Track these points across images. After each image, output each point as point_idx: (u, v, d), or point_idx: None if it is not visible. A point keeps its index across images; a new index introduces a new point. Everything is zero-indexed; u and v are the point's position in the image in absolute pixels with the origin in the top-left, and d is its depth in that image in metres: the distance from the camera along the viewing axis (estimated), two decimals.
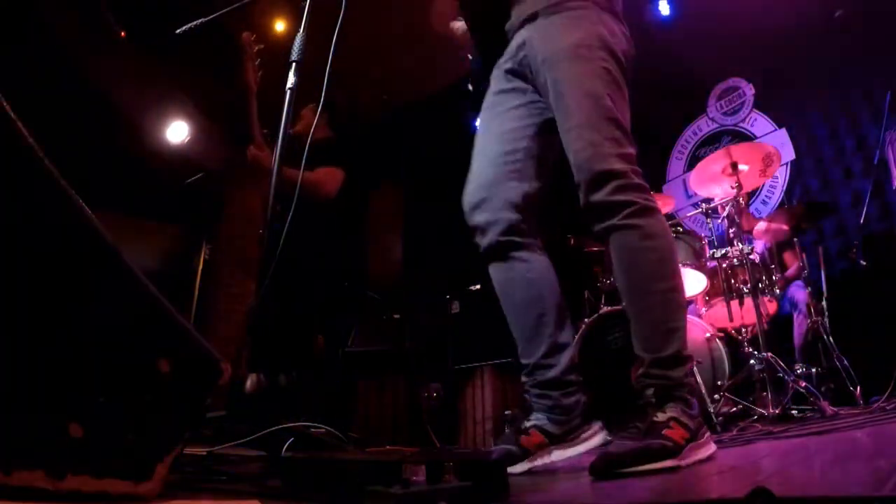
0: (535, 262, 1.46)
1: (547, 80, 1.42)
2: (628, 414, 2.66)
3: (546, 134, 1.48)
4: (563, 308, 1.45)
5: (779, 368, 2.64)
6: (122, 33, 4.26)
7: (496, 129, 1.53)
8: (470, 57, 1.80)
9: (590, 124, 1.33)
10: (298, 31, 1.76)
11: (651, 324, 1.29)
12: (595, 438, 1.39)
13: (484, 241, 1.48)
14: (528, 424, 1.34)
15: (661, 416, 1.19)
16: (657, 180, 5.38)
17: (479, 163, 1.53)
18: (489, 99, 1.60)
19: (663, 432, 1.14)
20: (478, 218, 1.48)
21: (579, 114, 1.35)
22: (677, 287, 1.33)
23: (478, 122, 1.64)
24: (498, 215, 1.45)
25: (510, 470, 1.21)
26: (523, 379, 1.43)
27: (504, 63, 1.57)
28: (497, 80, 1.60)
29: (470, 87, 1.84)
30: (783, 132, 4.76)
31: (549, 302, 1.43)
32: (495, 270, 1.49)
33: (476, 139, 1.59)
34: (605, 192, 1.29)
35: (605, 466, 1.08)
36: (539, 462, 1.30)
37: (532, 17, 1.49)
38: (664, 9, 4.79)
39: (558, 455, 1.33)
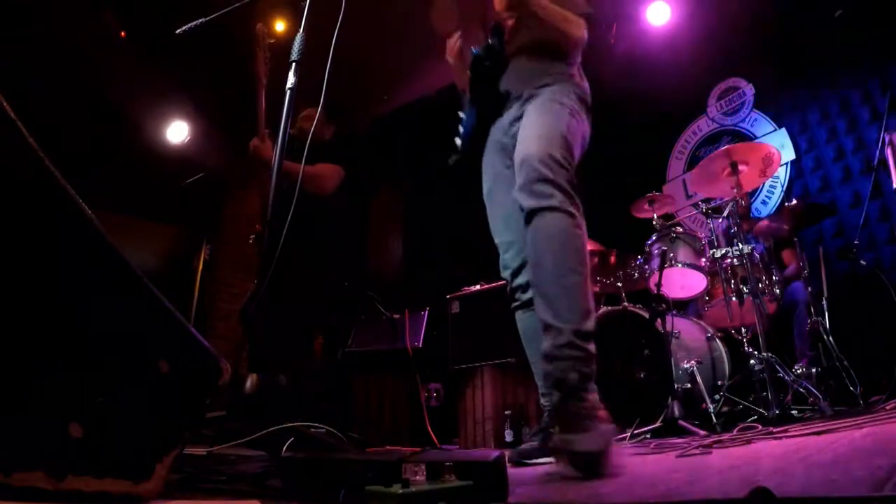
0: None
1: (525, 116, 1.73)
2: (627, 412, 2.66)
3: None
4: None
5: (779, 368, 2.64)
6: (122, 33, 4.26)
7: (511, 205, 1.71)
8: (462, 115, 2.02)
9: (547, 135, 1.62)
10: (298, 31, 1.76)
11: (576, 299, 1.44)
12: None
13: (524, 296, 1.80)
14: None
15: (591, 397, 1.33)
16: (657, 180, 5.38)
17: (508, 235, 1.84)
18: (493, 175, 1.89)
19: (598, 414, 1.29)
20: (518, 280, 1.81)
21: (538, 127, 1.65)
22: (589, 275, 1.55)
23: (486, 196, 1.92)
24: None
25: (541, 460, 1.51)
26: (544, 403, 1.74)
27: (500, 134, 1.87)
28: (496, 154, 1.89)
29: (457, 148, 2.05)
30: (783, 132, 4.76)
31: None
32: (528, 320, 1.78)
33: (490, 212, 1.90)
34: (552, 172, 1.53)
35: (585, 464, 1.15)
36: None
37: (528, 98, 1.78)
38: (660, 16, 4.79)
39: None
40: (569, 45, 1.86)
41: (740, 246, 2.94)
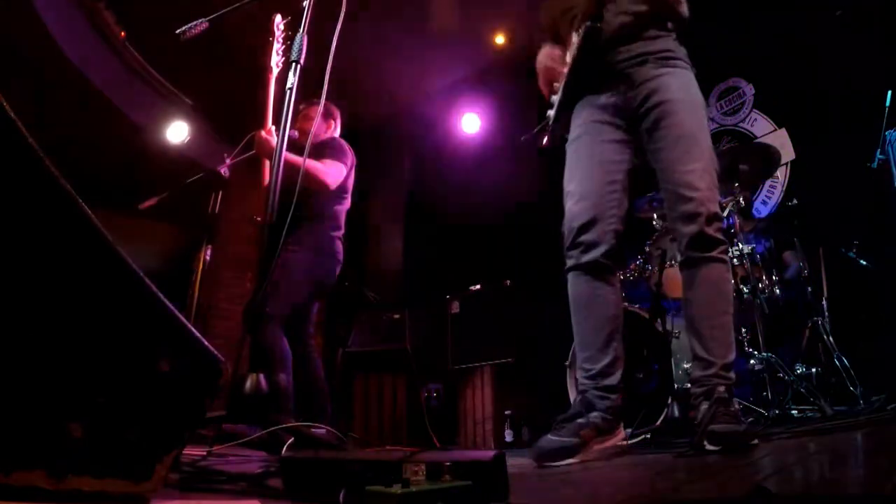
0: (617, 287, 1.75)
1: (661, 122, 1.71)
2: (627, 413, 2.67)
3: (631, 175, 1.78)
4: (622, 329, 1.75)
5: (779, 368, 2.63)
6: (122, 33, 4.26)
7: (598, 156, 1.77)
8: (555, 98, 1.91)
9: (709, 171, 1.67)
10: (298, 32, 1.76)
11: (725, 338, 1.61)
12: (621, 434, 1.69)
13: (585, 257, 1.71)
14: (591, 420, 1.59)
15: (736, 407, 1.54)
16: (657, 180, 5.38)
17: (586, 185, 1.74)
18: (585, 124, 1.82)
19: (741, 419, 1.53)
20: (585, 237, 1.71)
21: (702, 159, 1.67)
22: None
23: (571, 143, 1.83)
24: (603, 238, 1.71)
25: (564, 462, 1.47)
26: (583, 380, 1.68)
27: (602, 96, 1.80)
28: (591, 109, 1.82)
29: (547, 123, 1.95)
30: (783, 132, 4.75)
31: (619, 323, 1.72)
32: (585, 285, 1.72)
33: (572, 158, 1.81)
34: (713, 229, 1.64)
35: (734, 441, 1.38)
36: (589, 454, 1.54)
37: (642, 62, 1.76)
38: None
39: (600, 446, 1.59)
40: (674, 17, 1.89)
41: (740, 246, 2.94)
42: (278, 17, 2.42)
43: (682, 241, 1.66)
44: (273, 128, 2.55)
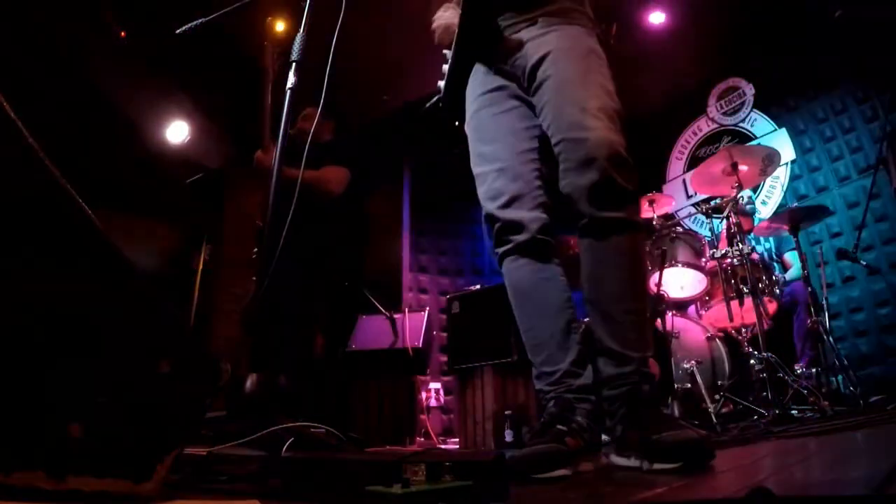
0: (561, 268, 1.46)
1: (543, 77, 1.43)
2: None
3: (545, 140, 1.46)
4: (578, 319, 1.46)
5: (779, 368, 2.64)
6: (122, 33, 4.26)
7: (506, 125, 1.51)
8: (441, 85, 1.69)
9: (605, 111, 1.35)
10: (298, 31, 1.76)
11: (643, 326, 1.32)
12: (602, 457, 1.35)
13: (519, 237, 1.43)
14: (570, 427, 1.27)
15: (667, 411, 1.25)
16: (657, 180, 5.38)
17: (501, 158, 1.48)
18: (480, 98, 1.57)
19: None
20: (512, 213, 1.43)
21: (594, 98, 1.36)
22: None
23: (470, 120, 1.59)
24: (534, 214, 1.43)
25: (554, 473, 1.13)
26: (546, 387, 1.37)
27: (493, 65, 1.55)
28: (483, 78, 1.58)
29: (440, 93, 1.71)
30: (783, 132, 4.76)
31: (574, 309, 1.43)
32: (525, 268, 1.44)
33: (474, 135, 1.56)
34: (622, 177, 1.29)
35: (691, 452, 1.07)
36: (582, 468, 1.23)
37: (532, 21, 1.50)
38: (658, 16, 4.79)
39: (588, 466, 1.26)
40: None
41: (740, 246, 2.94)
42: (269, 19, 2.42)
43: (581, 196, 1.31)
44: (272, 142, 2.56)
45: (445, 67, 1.66)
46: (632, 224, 1.32)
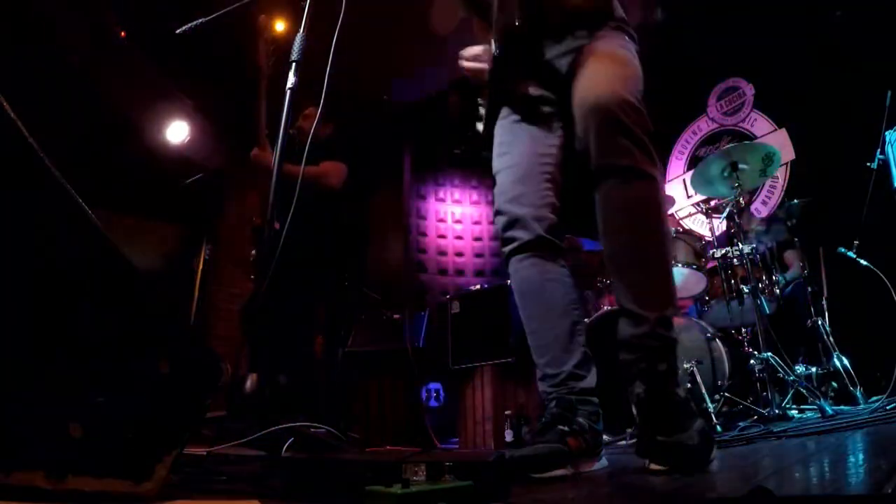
0: (568, 269, 1.45)
1: (576, 69, 1.41)
2: (626, 413, 2.66)
3: (566, 149, 1.48)
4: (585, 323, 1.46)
5: (779, 368, 2.64)
6: (123, 33, 4.26)
7: (526, 130, 1.51)
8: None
9: (629, 88, 1.34)
10: (298, 31, 1.76)
11: (659, 282, 1.27)
12: (603, 460, 1.37)
13: (525, 235, 1.41)
14: (572, 427, 1.27)
15: (681, 392, 1.20)
16: None
17: (513, 157, 1.49)
18: (511, 114, 1.57)
19: (693, 408, 1.18)
20: (518, 210, 1.42)
21: (619, 78, 1.35)
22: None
23: (499, 121, 1.60)
24: (541, 212, 1.41)
25: (554, 473, 1.16)
26: (549, 388, 1.37)
27: (528, 79, 1.55)
28: (515, 108, 1.58)
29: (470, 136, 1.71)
30: (783, 132, 4.76)
31: (580, 311, 1.42)
32: (532, 268, 1.42)
33: (498, 138, 1.57)
34: (630, 119, 1.27)
35: (684, 460, 1.08)
36: (582, 469, 1.25)
37: (567, 52, 1.48)
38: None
39: (588, 467, 1.28)
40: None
41: (740, 246, 2.94)
42: (262, 17, 2.42)
43: (589, 145, 1.29)
44: (268, 131, 2.56)
45: (479, 119, 1.66)
46: (640, 172, 1.26)
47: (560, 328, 1.38)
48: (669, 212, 3.99)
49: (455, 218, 6.17)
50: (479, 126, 1.67)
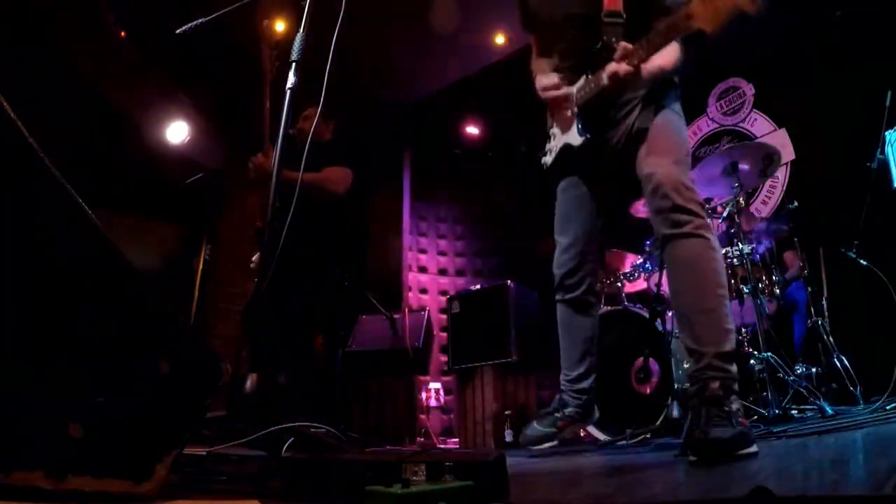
0: (594, 315, 2.03)
1: (637, 143, 1.73)
2: (627, 413, 2.67)
3: (605, 213, 1.99)
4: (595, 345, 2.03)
5: (779, 368, 2.63)
6: (122, 33, 4.26)
7: (579, 210, 1.96)
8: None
9: (678, 163, 1.67)
10: (298, 31, 1.76)
11: (714, 322, 1.52)
12: (589, 426, 2.09)
13: (569, 295, 1.99)
14: (566, 413, 1.95)
15: (733, 406, 1.39)
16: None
17: (570, 236, 1.96)
18: (570, 177, 1.98)
19: (739, 420, 1.36)
20: (569, 281, 1.98)
21: (671, 153, 1.68)
22: (727, 295, 1.63)
23: (560, 193, 2.01)
24: (584, 281, 1.97)
25: (545, 446, 1.89)
26: (564, 383, 2.02)
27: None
28: (574, 156, 1.90)
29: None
30: (783, 132, 4.75)
31: (594, 342, 2.02)
32: (567, 314, 2.02)
33: (559, 209, 2.01)
34: (682, 198, 1.59)
35: (715, 450, 1.25)
36: (564, 436, 1.93)
37: (629, 108, 1.79)
38: None
39: (571, 430, 2.00)
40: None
41: (740, 246, 2.94)
42: (266, 22, 2.41)
43: (655, 221, 1.65)
44: (271, 144, 2.55)
45: (550, 144, 2.02)
46: (694, 235, 1.58)
47: (577, 352, 2.00)
48: None
49: (455, 218, 6.17)
50: (547, 159, 2.02)
